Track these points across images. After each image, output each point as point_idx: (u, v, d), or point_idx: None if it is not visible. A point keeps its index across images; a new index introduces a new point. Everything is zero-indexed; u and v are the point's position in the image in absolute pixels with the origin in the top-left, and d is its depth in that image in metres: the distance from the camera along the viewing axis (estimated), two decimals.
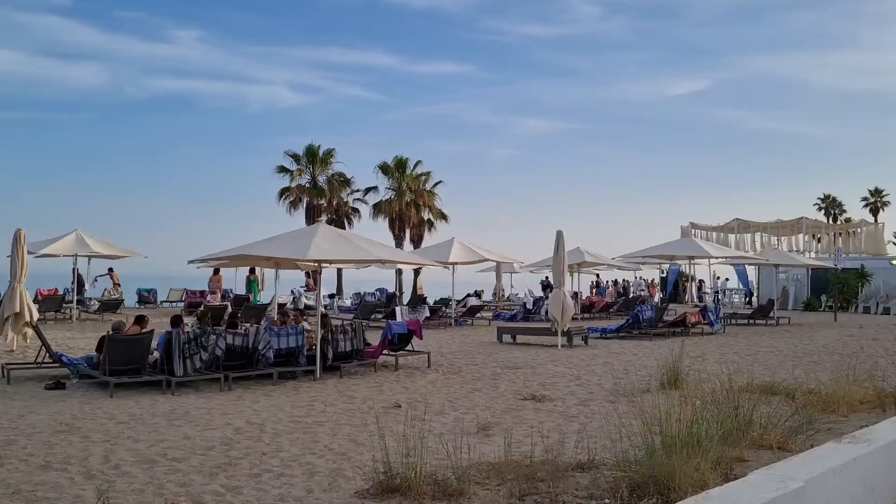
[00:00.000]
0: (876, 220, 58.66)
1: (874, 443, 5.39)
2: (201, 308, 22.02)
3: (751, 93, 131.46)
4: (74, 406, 9.93)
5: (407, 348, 14.70)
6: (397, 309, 23.85)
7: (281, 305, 22.06)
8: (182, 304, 27.80)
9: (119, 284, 28.12)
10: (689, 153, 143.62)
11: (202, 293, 28.11)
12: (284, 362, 12.56)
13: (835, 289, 32.33)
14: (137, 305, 28.40)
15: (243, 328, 13.46)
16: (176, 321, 12.57)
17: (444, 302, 28.51)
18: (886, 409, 8.84)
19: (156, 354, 11.69)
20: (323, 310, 14.65)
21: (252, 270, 28.10)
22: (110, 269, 27.95)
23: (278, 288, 18.60)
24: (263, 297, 27.84)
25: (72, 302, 24.04)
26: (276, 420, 9.06)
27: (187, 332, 11.74)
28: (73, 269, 24.23)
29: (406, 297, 38.21)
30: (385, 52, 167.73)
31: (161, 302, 29.80)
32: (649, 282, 44.51)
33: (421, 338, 14.91)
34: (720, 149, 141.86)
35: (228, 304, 24.70)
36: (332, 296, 35.88)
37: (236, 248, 13.20)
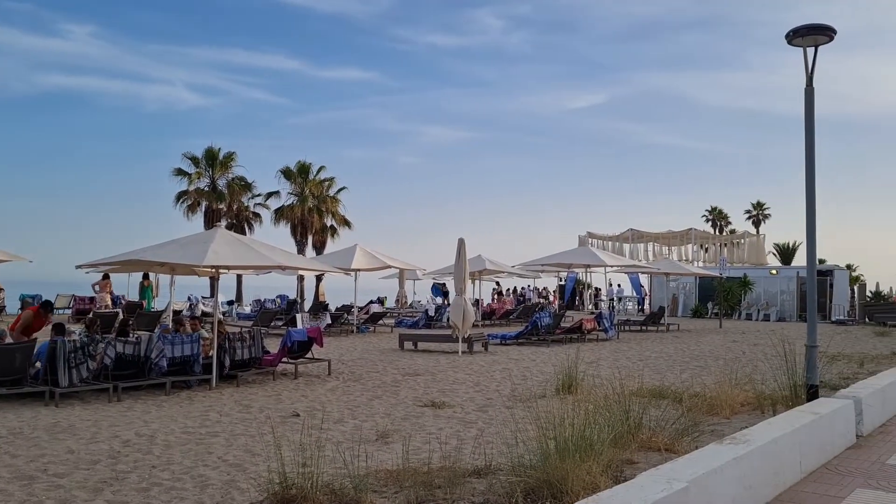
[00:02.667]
0: (758, 232, 62.08)
1: (752, 443, 5.71)
2: (90, 315, 20.97)
3: (645, 108, 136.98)
4: None
5: (307, 356, 14.46)
6: (298, 316, 23.46)
7: (176, 312, 21.26)
8: (70, 311, 26.46)
9: (2, 289, 26.49)
10: (587, 165, 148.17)
11: (91, 300, 26.80)
12: (178, 371, 12.12)
13: (720, 297, 33.79)
14: (20, 312, 26.72)
15: (135, 336, 12.89)
16: (59, 329, 11.89)
17: (346, 309, 28.26)
18: (764, 411, 9.27)
19: (38, 365, 11.02)
20: (220, 316, 14.20)
21: (146, 276, 27.00)
22: None
23: (174, 294, 17.91)
24: (158, 304, 26.82)
25: None
26: (167, 431, 8.71)
27: (73, 341, 11.13)
28: None
29: (307, 304, 37.73)
30: (289, 55, 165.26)
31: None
32: (539, 290, 45.36)
33: (321, 345, 14.71)
34: (616, 161, 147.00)
35: (119, 310, 23.62)
36: (230, 302, 35.00)
37: (129, 252, 12.64)
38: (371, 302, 36.26)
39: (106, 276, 26.29)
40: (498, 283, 40.33)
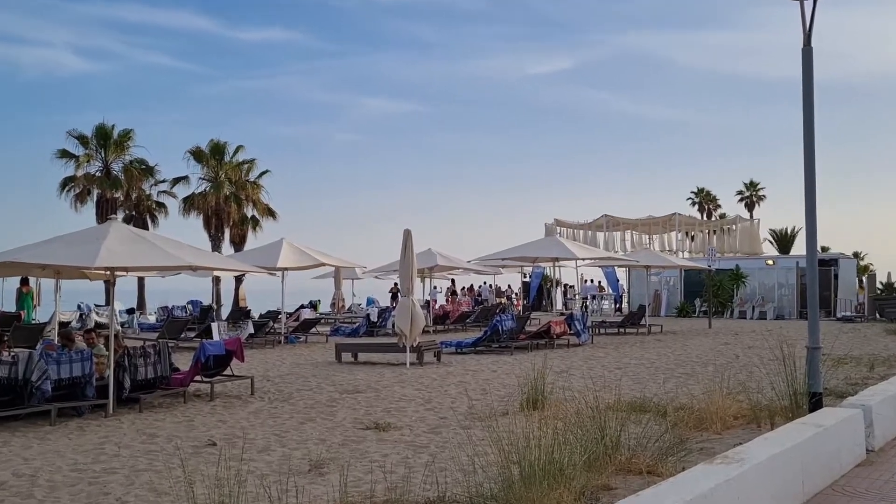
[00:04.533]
0: (751, 216, 63.53)
1: (747, 462, 5.81)
2: None
3: (619, 73, 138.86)
4: None
5: (225, 373, 14.36)
6: (214, 325, 23.28)
7: (63, 324, 20.91)
8: None
9: None
10: (553, 141, 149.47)
11: None
12: (66, 396, 11.88)
13: (709, 292, 34.30)
14: None
15: (11, 354, 12.58)
16: None
17: (272, 315, 28.19)
18: (761, 424, 9.48)
19: None
20: (118, 328, 14.05)
21: (24, 281, 26.39)
22: None
23: (60, 303, 17.61)
24: (41, 315, 26.30)
25: None
26: (53, 469, 8.52)
27: None
28: None
29: (225, 311, 37.35)
30: (197, 12, 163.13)
31: None
32: (500, 288, 45.59)
33: (242, 359, 14.63)
34: (587, 136, 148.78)
35: None
36: (131, 311, 34.48)
37: (2, 253, 12.34)
38: (301, 307, 36.19)
39: None
40: (453, 282, 40.52)
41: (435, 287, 37.86)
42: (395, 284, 39.07)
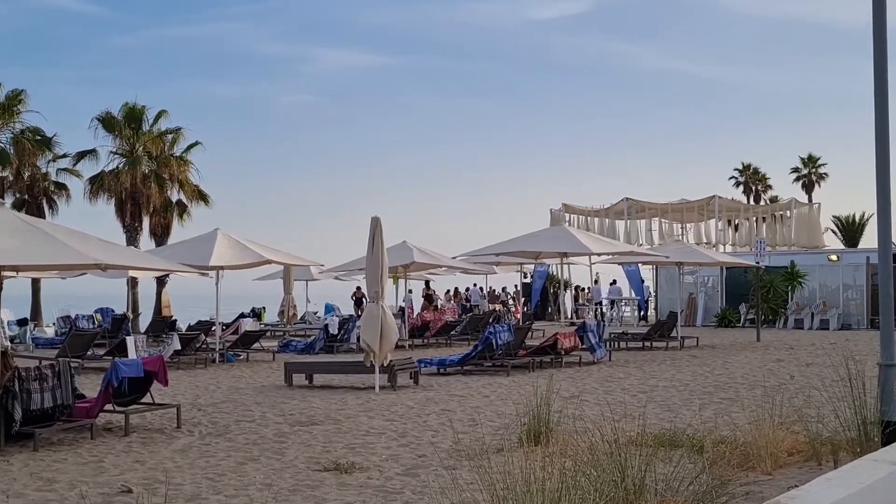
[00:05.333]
0: (810, 200, 63.70)
1: None
2: None
3: (642, 19, 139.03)
4: None
5: (144, 400, 14.30)
6: (129, 340, 23.01)
7: None
8: None
9: None
10: (561, 105, 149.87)
11: None
12: None
13: (757, 295, 33.98)
14: None
15: None
16: None
17: (204, 327, 28.06)
18: (822, 462, 9.50)
19: None
20: (6, 343, 13.95)
21: None
22: None
23: None
24: None
25: None
26: None
27: None
28: None
29: (144, 322, 37.09)
30: None
31: None
32: (494, 291, 45.61)
33: (166, 383, 14.62)
34: (604, 99, 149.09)
35: None
36: (22, 322, 34.18)
37: None
38: (242, 316, 36.12)
39: None
40: (427, 284, 40.32)
41: (411, 291, 37.87)
42: (358, 288, 38.94)
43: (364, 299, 29.84)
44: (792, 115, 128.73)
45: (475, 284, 45.80)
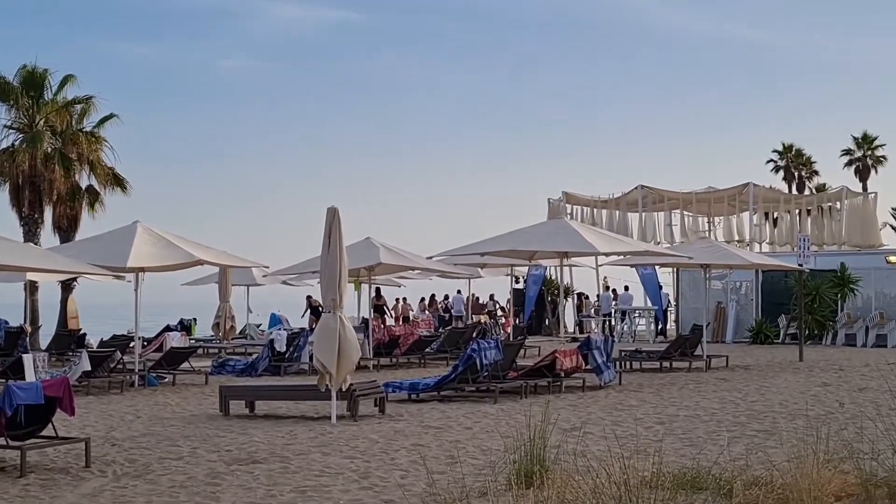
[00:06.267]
0: (865, 188, 63.65)
1: None
2: None
3: None
4: None
5: (44, 433, 14.11)
6: (26, 358, 22.32)
7: None
8: None
9: None
10: (559, 72, 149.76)
11: None
12: None
13: (800, 305, 34.10)
14: None
15: None
16: None
17: (121, 342, 27.89)
18: None
19: None
20: None
21: None
22: None
23: None
24: None
25: None
26: None
27: None
28: None
29: (46, 336, 36.83)
30: None
31: None
32: (479, 299, 45.51)
33: (72, 412, 14.39)
34: (613, 64, 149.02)
35: None
36: None
37: None
38: (168, 329, 35.97)
39: None
40: (377, 293, 39.92)
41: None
42: (309, 297, 38.73)
43: (318, 308, 29.77)
44: (843, 87, 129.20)
45: (459, 291, 45.90)
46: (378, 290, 40.40)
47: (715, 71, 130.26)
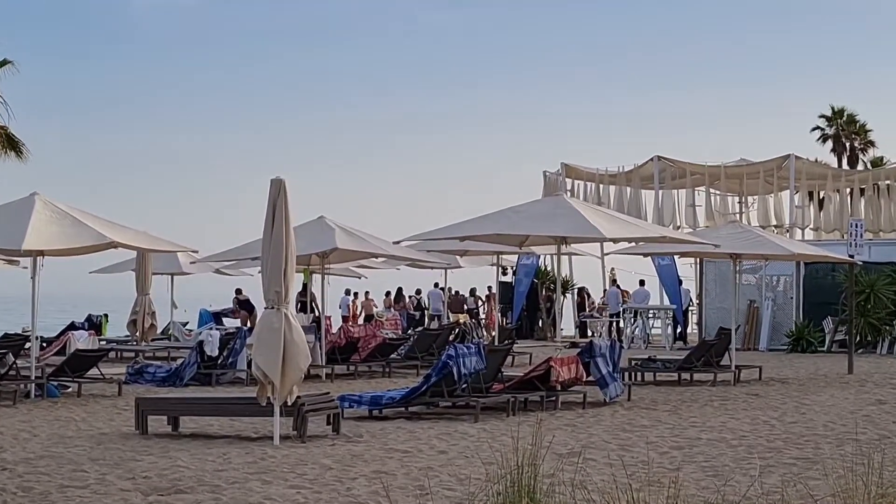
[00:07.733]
0: None
1: None
2: None
3: None
4: None
5: None
6: None
7: None
8: None
9: None
10: (561, 24, 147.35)
11: None
12: None
13: (850, 305, 33.01)
14: None
15: None
16: None
17: (14, 343, 26.70)
18: None
19: None
20: None
21: None
22: None
23: None
24: None
25: None
26: None
27: None
28: None
29: None
30: None
31: None
32: (456, 294, 46.53)
33: None
34: (620, 13, 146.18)
35: None
36: None
37: None
38: (73, 327, 36.72)
39: None
40: (237, 293, 41.53)
41: (348, 292, 39.38)
42: (238, 291, 38.31)
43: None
44: None
45: (436, 285, 45.26)
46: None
47: (747, 16, 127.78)
